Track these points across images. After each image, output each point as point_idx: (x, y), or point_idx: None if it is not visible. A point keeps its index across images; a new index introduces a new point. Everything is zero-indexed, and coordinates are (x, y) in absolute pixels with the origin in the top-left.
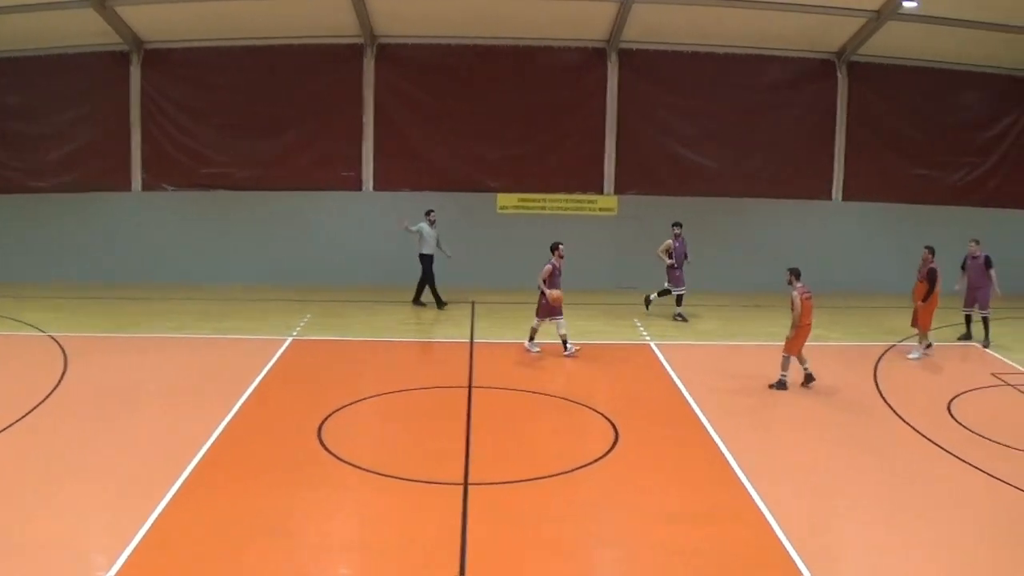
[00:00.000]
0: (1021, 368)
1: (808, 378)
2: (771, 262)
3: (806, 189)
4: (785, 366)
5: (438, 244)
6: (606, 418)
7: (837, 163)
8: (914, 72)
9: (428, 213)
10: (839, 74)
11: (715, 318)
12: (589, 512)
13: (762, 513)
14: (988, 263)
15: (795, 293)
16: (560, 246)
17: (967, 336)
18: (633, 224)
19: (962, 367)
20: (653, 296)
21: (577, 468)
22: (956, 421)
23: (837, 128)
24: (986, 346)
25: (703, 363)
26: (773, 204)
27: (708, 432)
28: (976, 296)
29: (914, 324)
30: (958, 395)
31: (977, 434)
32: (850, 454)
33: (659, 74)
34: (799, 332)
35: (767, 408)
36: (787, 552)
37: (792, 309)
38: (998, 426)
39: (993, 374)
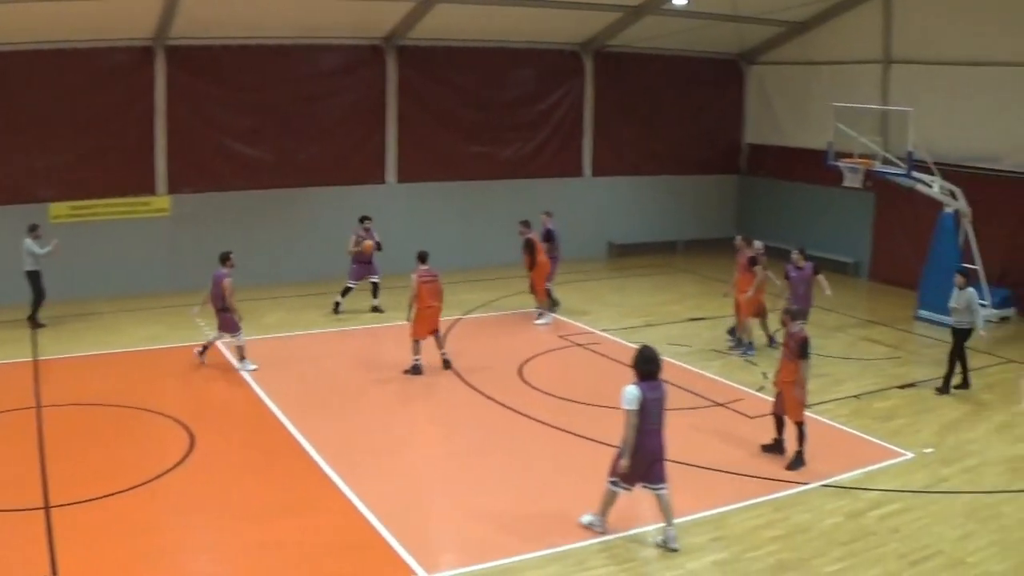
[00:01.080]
0: (586, 328)
1: (445, 363)
2: (330, 250)
3: (361, 174)
4: (415, 350)
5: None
6: (180, 423)
7: (391, 147)
8: (465, 52)
9: (33, 229)
10: (388, 59)
11: (279, 309)
12: (177, 519)
13: (347, 498)
14: (548, 236)
15: (414, 276)
16: (232, 255)
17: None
18: (188, 224)
19: (532, 332)
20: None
21: (158, 476)
22: (525, 382)
23: (388, 112)
24: (553, 310)
25: (270, 357)
26: (330, 191)
27: (284, 426)
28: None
29: (532, 292)
30: (528, 359)
31: (544, 392)
32: (425, 427)
33: (210, 69)
34: (419, 315)
35: (338, 395)
36: (377, 531)
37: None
38: (561, 383)
39: (561, 336)
